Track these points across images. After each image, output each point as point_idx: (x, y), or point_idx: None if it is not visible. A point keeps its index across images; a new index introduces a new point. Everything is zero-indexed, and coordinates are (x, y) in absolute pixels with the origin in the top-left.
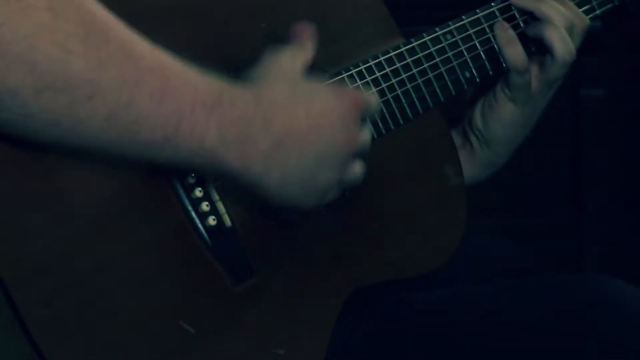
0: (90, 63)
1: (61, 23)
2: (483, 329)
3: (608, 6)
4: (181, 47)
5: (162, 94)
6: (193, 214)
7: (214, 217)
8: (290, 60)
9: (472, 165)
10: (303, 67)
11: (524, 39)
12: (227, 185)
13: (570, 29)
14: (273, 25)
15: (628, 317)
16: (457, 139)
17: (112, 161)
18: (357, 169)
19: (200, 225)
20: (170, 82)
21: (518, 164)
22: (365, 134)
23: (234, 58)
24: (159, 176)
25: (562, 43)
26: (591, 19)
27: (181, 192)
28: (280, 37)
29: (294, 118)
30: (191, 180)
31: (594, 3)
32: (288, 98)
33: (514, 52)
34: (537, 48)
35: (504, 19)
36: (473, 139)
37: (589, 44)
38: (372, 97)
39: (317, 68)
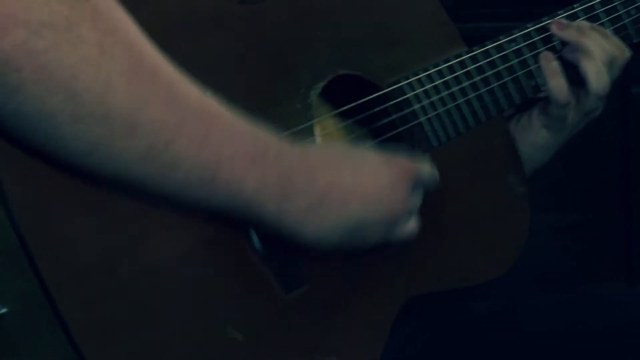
0: (131, 101)
1: (107, 60)
2: (544, 341)
3: None
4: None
5: (202, 140)
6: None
7: None
8: None
9: None
10: None
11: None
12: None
13: (611, 62)
14: (331, 33)
15: None
16: None
17: (147, 197)
18: (408, 227)
19: (251, 233)
20: (213, 130)
21: (567, 163)
22: (415, 200)
23: (293, 64)
24: None
25: (597, 76)
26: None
27: None
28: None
29: (339, 177)
30: None
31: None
32: (336, 157)
33: (557, 84)
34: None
35: (541, 40)
36: None
37: None
38: (425, 166)
39: (375, 76)
